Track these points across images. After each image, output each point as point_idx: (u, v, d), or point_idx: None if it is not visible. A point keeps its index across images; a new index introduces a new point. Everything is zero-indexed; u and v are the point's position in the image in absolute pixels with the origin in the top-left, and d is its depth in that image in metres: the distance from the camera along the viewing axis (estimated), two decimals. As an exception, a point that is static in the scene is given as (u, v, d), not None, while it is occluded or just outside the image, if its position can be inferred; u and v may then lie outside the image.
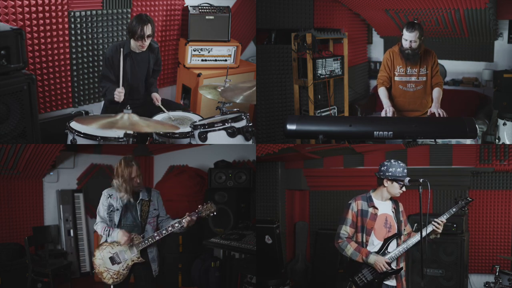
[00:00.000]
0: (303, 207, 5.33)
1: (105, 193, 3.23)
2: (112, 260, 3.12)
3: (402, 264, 3.03)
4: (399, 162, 3.00)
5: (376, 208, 3.01)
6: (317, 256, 5.02)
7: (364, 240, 2.98)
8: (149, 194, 3.26)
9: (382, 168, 3.01)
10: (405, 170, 2.98)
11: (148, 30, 3.93)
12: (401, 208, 3.09)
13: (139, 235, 3.14)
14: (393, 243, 3.00)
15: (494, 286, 3.93)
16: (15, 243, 4.70)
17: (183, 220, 3.12)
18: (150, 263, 3.19)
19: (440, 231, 2.99)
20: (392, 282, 2.98)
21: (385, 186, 3.01)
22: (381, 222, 3.00)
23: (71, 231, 5.29)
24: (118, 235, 3.11)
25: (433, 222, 2.98)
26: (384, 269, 2.90)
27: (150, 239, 3.12)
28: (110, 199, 3.18)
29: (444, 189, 4.69)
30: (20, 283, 4.44)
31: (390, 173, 2.97)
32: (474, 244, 4.65)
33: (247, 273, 4.18)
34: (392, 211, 3.05)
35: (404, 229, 3.08)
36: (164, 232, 3.12)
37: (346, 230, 3.00)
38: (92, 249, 5.34)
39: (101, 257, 3.13)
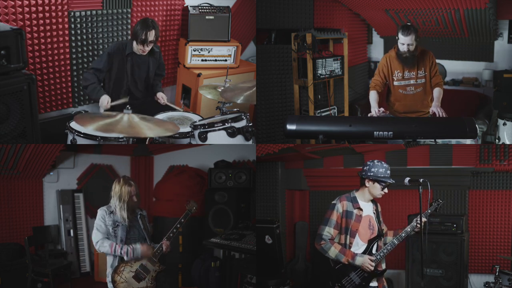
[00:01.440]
0: (303, 207, 5.33)
1: (104, 209, 3.14)
2: (137, 278, 3.04)
3: (383, 265, 3.01)
4: (383, 162, 2.95)
5: (361, 210, 2.96)
6: (317, 256, 5.01)
7: (348, 242, 2.92)
8: (141, 209, 3.29)
9: (365, 168, 2.95)
10: (388, 171, 2.92)
11: (151, 36, 3.95)
12: (379, 208, 3.07)
13: (150, 245, 3.14)
14: (375, 244, 2.97)
15: (494, 286, 3.92)
16: (15, 243, 4.70)
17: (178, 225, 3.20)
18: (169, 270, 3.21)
19: (418, 230, 2.96)
20: (373, 283, 2.96)
21: (366, 186, 2.96)
22: (365, 224, 2.96)
23: (71, 231, 5.29)
24: (143, 250, 3.05)
25: (416, 222, 2.96)
26: (372, 268, 2.88)
27: (163, 246, 3.14)
28: (113, 216, 3.11)
29: (444, 189, 4.69)
30: (20, 283, 4.44)
31: (372, 173, 2.91)
32: (474, 244, 4.65)
33: (247, 273, 4.18)
34: (374, 213, 3.02)
35: (383, 229, 3.07)
36: (171, 235, 3.17)
37: (329, 231, 2.93)
38: (92, 249, 5.35)
39: (125, 280, 3.02)
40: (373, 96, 3.99)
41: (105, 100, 3.90)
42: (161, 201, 5.08)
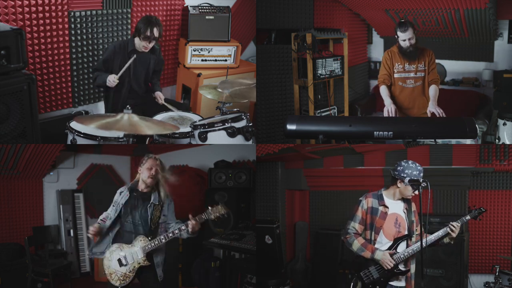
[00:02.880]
0: (303, 207, 5.33)
1: (122, 187, 3.26)
2: (120, 262, 3.10)
3: (412, 266, 2.99)
4: (417, 164, 2.93)
5: (387, 207, 2.97)
6: (317, 256, 5.01)
7: (373, 238, 2.95)
8: (160, 199, 3.21)
9: (398, 168, 2.93)
10: (421, 174, 2.91)
11: (156, 32, 3.98)
12: (413, 208, 3.04)
13: (146, 237, 3.11)
14: (403, 243, 2.96)
15: (494, 286, 3.93)
16: (15, 243, 4.70)
17: (189, 223, 3.06)
18: (155, 268, 3.14)
19: (454, 235, 2.93)
20: (401, 283, 2.96)
21: (398, 187, 2.96)
22: (391, 221, 2.97)
23: (71, 231, 5.29)
24: (90, 228, 3.12)
25: (449, 225, 2.94)
26: (390, 267, 2.89)
27: (156, 242, 3.07)
28: (119, 195, 3.20)
29: (444, 189, 4.69)
30: (20, 283, 4.44)
31: (405, 175, 2.90)
32: (474, 244, 4.65)
33: (247, 273, 4.18)
34: (404, 211, 3.00)
35: (416, 229, 3.02)
36: (170, 235, 3.07)
37: (354, 226, 2.98)
38: (92, 249, 5.35)
39: (110, 259, 3.12)
40: (384, 91, 4.02)
41: (111, 77, 3.94)
42: (161, 201, 5.07)
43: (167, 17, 5.27)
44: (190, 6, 5.15)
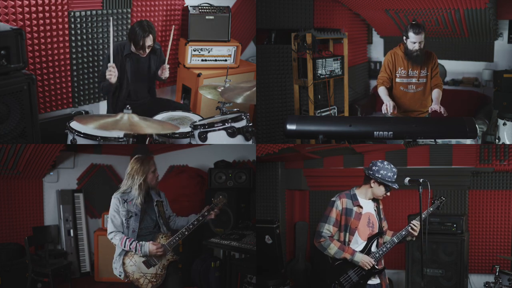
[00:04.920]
0: (303, 207, 5.33)
1: (117, 197, 3.07)
2: (147, 263, 3.01)
3: (382, 262, 3.01)
4: (392, 166, 2.95)
5: (361, 207, 2.97)
6: (317, 256, 5.01)
7: (347, 240, 2.93)
8: (158, 195, 3.25)
9: (373, 168, 2.94)
10: (395, 176, 2.93)
11: (149, 41, 3.95)
12: (381, 205, 3.07)
13: (166, 234, 3.09)
14: (375, 242, 2.98)
15: (494, 286, 3.92)
16: (15, 243, 4.69)
17: (206, 213, 3.15)
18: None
19: (416, 233, 2.95)
20: (375, 280, 2.97)
21: (371, 187, 2.96)
22: (364, 221, 2.97)
23: (71, 231, 5.29)
24: (151, 248, 3.00)
25: (410, 224, 2.95)
26: (370, 266, 2.88)
27: (180, 235, 3.07)
28: (126, 205, 3.06)
29: (444, 189, 4.69)
30: (20, 283, 4.44)
31: (380, 175, 2.91)
32: (474, 244, 4.65)
33: (247, 273, 4.18)
34: (374, 209, 3.02)
35: (384, 226, 3.07)
36: (191, 226, 3.09)
37: (329, 229, 2.94)
38: (92, 249, 5.35)
39: (134, 263, 3.00)
40: (382, 91, 3.99)
41: (107, 69, 3.84)
42: (161, 201, 5.08)
43: (167, 17, 5.27)
44: (190, 6, 5.15)
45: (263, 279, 4.17)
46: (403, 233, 2.98)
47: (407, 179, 2.92)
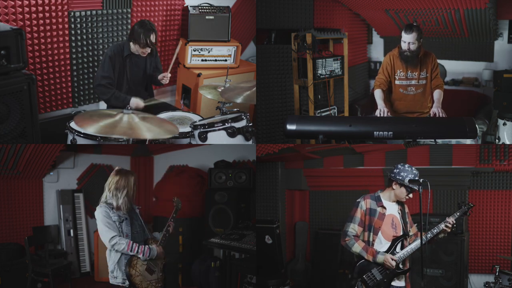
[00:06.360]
0: (303, 207, 5.33)
1: (105, 206, 3.02)
2: (149, 270, 3.04)
3: (408, 265, 3.04)
4: (413, 168, 3.00)
5: (385, 208, 3.02)
6: (317, 256, 5.01)
7: (371, 239, 2.98)
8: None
9: (395, 170, 3.01)
10: (417, 178, 2.96)
11: (153, 38, 3.96)
12: (406, 209, 3.11)
13: (153, 238, 3.14)
14: (400, 244, 3.00)
15: (494, 286, 3.92)
16: (15, 243, 4.69)
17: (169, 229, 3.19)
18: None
19: (449, 230, 3.02)
20: (401, 283, 3.00)
21: (393, 189, 3.02)
22: (388, 222, 3.01)
23: (71, 231, 5.29)
24: (159, 250, 3.07)
25: (445, 222, 3.00)
26: (393, 266, 2.91)
27: (166, 234, 3.14)
28: (115, 211, 3.02)
29: (444, 189, 4.69)
30: (20, 283, 4.44)
31: (400, 177, 2.97)
32: (474, 244, 4.65)
33: (247, 273, 4.18)
34: (398, 213, 3.07)
35: (410, 230, 3.09)
36: (169, 228, 3.18)
37: (354, 228, 2.99)
38: (92, 249, 5.35)
39: (139, 273, 2.99)
40: (378, 94, 3.98)
41: (136, 102, 3.89)
42: (161, 201, 5.08)
43: (167, 17, 5.27)
44: (190, 6, 5.15)
45: (263, 279, 4.17)
46: (429, 235, 2.99)
47: (407, 179, 2.94)
